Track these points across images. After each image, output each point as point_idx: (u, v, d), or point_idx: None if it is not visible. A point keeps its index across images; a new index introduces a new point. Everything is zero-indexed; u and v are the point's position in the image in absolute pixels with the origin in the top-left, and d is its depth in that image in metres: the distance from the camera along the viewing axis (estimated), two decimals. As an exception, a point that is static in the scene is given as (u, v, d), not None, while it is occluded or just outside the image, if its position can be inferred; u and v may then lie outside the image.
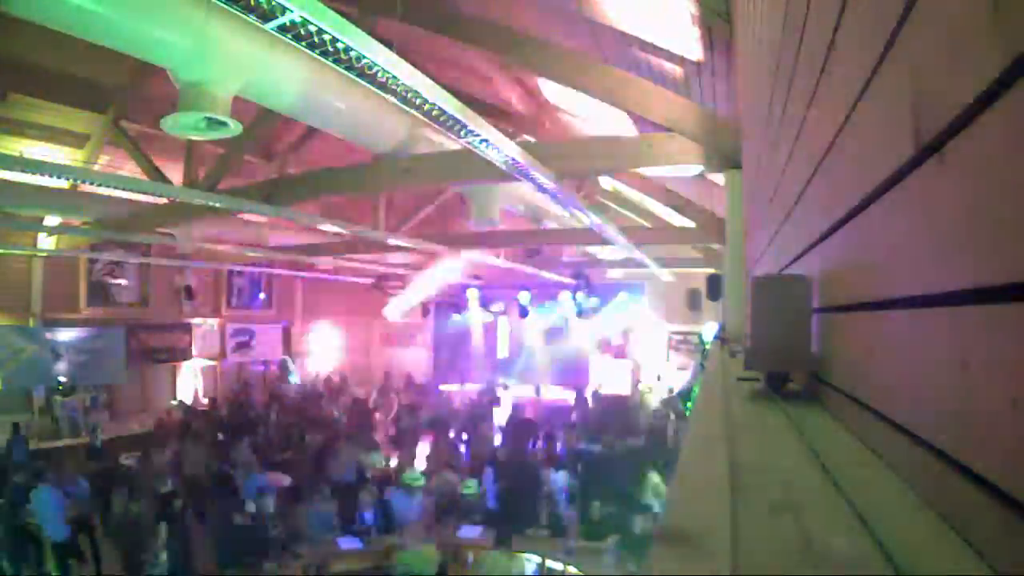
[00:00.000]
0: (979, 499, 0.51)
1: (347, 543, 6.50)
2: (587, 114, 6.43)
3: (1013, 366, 0.45)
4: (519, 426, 9.83)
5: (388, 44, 2.42)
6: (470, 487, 7.26)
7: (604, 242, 7.16)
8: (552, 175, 4.03)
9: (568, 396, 12.86)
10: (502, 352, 15.68)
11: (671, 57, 4.11)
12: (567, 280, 12.16)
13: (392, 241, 7.36)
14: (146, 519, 6.09)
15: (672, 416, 9.55)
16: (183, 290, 11.07)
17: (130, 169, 7.15)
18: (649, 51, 4.21)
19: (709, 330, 11.07)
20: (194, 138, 4.10)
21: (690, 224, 7.28)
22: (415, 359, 16.27)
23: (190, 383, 11.63)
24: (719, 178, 4.23)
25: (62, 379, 9.35)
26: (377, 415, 11.45)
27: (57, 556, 6.08)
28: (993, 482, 0.48)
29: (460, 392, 14.00)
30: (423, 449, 9.69)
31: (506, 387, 13.22)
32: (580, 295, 12.39)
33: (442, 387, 14.52)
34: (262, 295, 13.16)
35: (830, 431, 1.08)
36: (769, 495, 0.75)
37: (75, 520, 6.28)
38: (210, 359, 12.05)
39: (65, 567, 6.10)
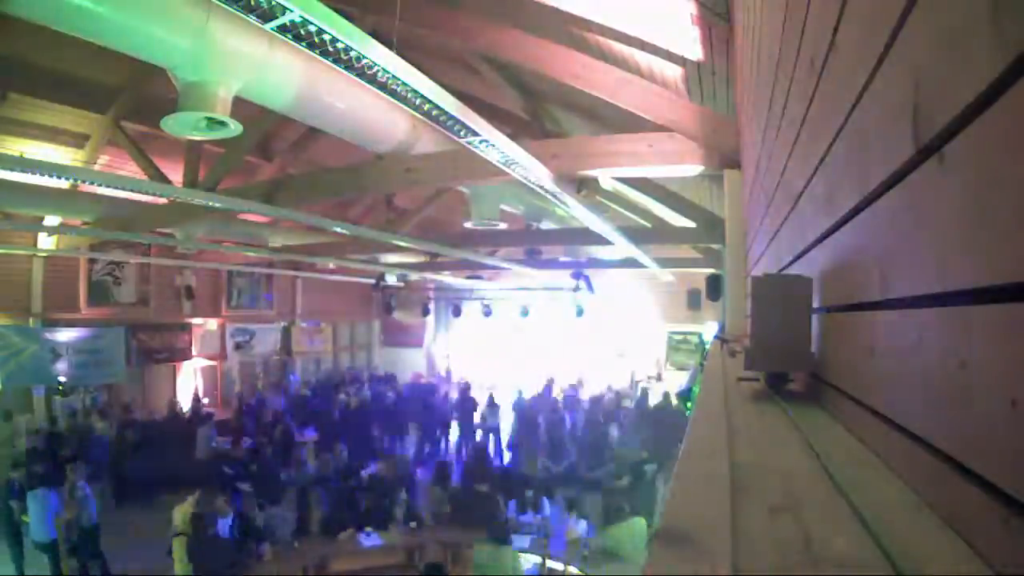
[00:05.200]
0: (979, 499, 0.51)
1: (368, 540, 6.52)
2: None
3: (1012, 366, 0.45)
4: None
5: (388, 44, 2.41)
6: None
7: (604, 242, 7.15)
8: (552, 175, 4.03)
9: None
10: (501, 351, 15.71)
11: (671, 57, 4.11)
12: (567, 280, 12.16)
13: (392, 241, 7.36)
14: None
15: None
16: (183, 290, 11.08)
17: (130, 169, 7.15)
18: (649, 51, 4.20)
19: (709, 330, 11.08)
20: (194, 138, 4.10)
21: (690, 224, 7.27)
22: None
23: (190, 383, 11.63)
24: (719, 178, 4.22)
25: (62, 379, 9.36)
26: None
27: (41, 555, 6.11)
28: (993, 482, 0.48)
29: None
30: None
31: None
32: (580, 295, 12.39)
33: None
34: (262, 295, 13.16)
35: (830, 431, 1.08)
36: (769, 495, 0.75)
37: (74, 523, 6.29)
38: (210, 359, 12.05)
39: (55, 566, 6.11)
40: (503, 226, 6.96)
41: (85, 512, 6.41)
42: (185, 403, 10.91)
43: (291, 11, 1.98)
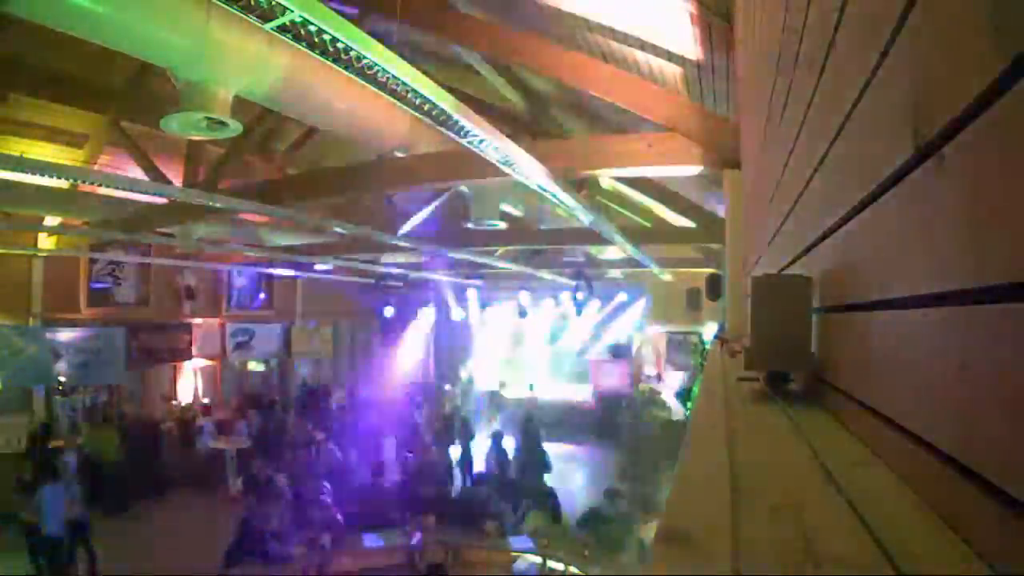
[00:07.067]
0: (979, 499, 0.51)
1: (370, 541, 6.53)
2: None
3: (1013, 366, 0.45)
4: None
5: (388, 44, 2.42)
6: None
7: (604, 242, 7.15)
8: (552, 175, 4.03)
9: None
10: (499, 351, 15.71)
11: (671, 57, 4.11)
12: (567, 280, 12.14)
13: (392, 241, 7.36)
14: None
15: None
16: (183, 290, 11.07)
17: (130, 169, 7.15)
18: (649, 51, 4.20)
19: (709, 330, 11.07)
20: (194, 138, 4.10)
21: (690, 224, 7.27)
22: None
23: (190, 383, 11.63)
24: (719, 178, 4.23)
25: (62, 379, 9.36)
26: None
27: (51, 552, 6.12)
28: (993, 482, 0.48)
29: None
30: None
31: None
32: (580, 295, 12.37)
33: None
34: (262, 295, 13.15)
35: (830, 431, 1.08)
36: (769, 495, 0.75)
37: (70, 521, 6.32)
38: (210, 359, 12.04)
39: (55, 563, 6.13)
40: (503, 226, 6.96)
41: (79, 508, 6.46)
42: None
43: (291, 11, 1.98)
